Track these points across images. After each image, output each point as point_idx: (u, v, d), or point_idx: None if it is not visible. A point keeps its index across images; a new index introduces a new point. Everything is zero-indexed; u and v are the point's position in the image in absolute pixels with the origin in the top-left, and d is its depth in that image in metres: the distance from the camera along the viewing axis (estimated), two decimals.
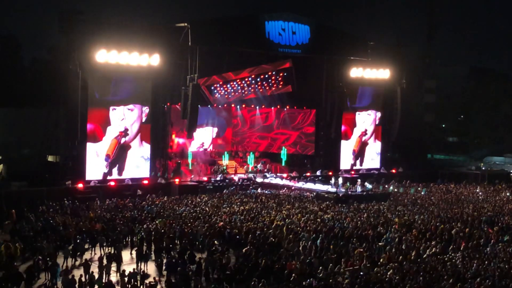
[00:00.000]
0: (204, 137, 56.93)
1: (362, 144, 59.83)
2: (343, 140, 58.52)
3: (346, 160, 58.68)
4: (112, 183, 44.51)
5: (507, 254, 26.10)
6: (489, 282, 21.74)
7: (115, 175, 45.60)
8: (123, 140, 45.99)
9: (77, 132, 43.78)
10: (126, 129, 46.01)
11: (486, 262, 24.91)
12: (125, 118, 45.96)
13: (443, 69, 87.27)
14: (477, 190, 49.42)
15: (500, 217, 35.92)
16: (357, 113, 59.47)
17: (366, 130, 60.08)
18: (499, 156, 74.83)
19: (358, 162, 59.63)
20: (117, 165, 45.86)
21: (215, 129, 58.07)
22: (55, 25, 44.69)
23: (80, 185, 42.76)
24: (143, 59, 45.22)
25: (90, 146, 44.45)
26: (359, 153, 59.65)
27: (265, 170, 54.17)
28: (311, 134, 58.69)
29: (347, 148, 58.81)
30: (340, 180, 46.91)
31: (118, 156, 45.77)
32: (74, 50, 43.33)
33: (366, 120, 60.04)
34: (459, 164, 72.83)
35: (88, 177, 44.26)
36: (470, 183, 53.91)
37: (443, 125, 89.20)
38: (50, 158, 47.70)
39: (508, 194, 47.16)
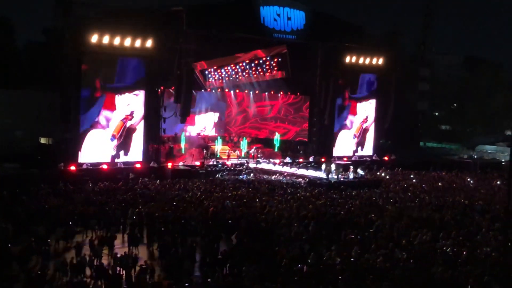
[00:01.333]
0: (206, 122, 57.19)
1: (363, 131, 60.00)
2: (344, 129, 58.73)
3: (344, 147, 58.81)
4: (105, 166, 44.48)
5: (498, 242, 26.23)
6: (480, 269, 21.87)
7: (122, 158, 46.07)
8: (129, 123, 46.20)
9: (70, 115, 43.72)
10: (132, 112, 46.26)
11: (477, 250, 25.04)
12: (131, 103, 46.15)
13: (438, 57, 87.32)
14: (469, 179, 49.57)
15: (491, 206, 36.09)
16: (358, 103, 59.64)
17: (367, 117, 60.21)
18: (492, 145, 75.17)
19: (359, 148, 59.96)
20: (123, 148, 46.29)
21: (217, 114, 58.16)
22: (50, 8, 44.51)
23: (73, 168, 42.71)
24: (137, 43, 45.06)
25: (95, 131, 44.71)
26: (361, 140, 59.85)
27: (258, 155, 54.20)
28: (305, 120, 58.74)
29: (345, 136, 58.92)
30: (333, 167, 46.99)
31: (124, 139, 46.15)
32: (69, 33, 43.14)
33: (367, 108, 60.16)
34: (452, 152, 73.07)
35: (94, 160, 44.46)
36: (462, 172, 54.06)
37: (436, 113, 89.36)
38: (43, 141, 47.63)
39: (499, 182, 47.35)
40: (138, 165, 45.97)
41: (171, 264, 22.86)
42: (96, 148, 44.90)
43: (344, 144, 58.85)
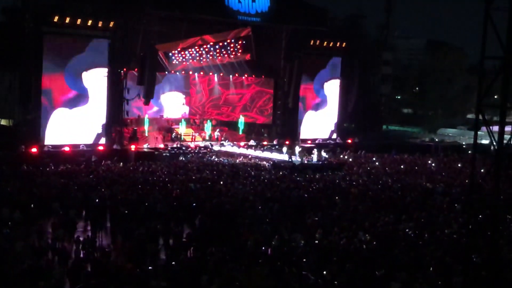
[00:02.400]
0: (169, 104, 56.96)
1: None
2: (312, 110, 58.91)
3: (308, 130, 59.20)
4: (67, 149, 43.98)
5: (459, 224, 26.63)
6: (441, 251, 22.19)
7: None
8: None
9: (31, 96, 43.09)
10: None
11: (438, 232, 25.39)
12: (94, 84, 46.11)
13: (401, 41, 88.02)
14: (430, 162, 50.19)
15: (452, 188, 36.60)
16: (325, 83, 59.82)
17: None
18: (453, 128, 76.23)
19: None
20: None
21: (181, 96, 57.91)
22: None
23: (34, 150, 42.11)
24: (100, 24, 44.48)
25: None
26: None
27: (222, 138, 54.12)
28: (269, 102, 58.79)
29: (310, 118, 59.20)
30: (297, 149, 47.15)
31: None
32: (30, 13, 42.40)
33: (331, 90, 60.55)
34: (414, 135, 73.91)
35: (60, 141, 44.14)
36: (423, 155, 54.69)
37: (399, 97, 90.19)
38: (3, 122, 46.85)
39: (460, 165, 48.04)
40: (101, 148, 45.55)
41: (135, 247, 22.71)
42: (62, 129, 44.42)
43: (312, 126, 59.17)
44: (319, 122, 59.90)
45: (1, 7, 47.74)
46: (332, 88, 60.54)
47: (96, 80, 45.87)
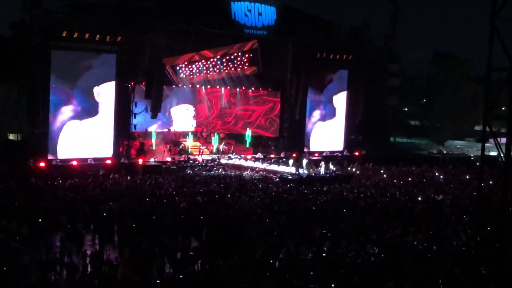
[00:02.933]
0: (177, 117, 57.23)
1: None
2: (320, 121, 59.19)
3: (317, 142, 59.31)
4: (75, 163, 44.08)
5: (467, 236, 26.52)
6: (450, 263, 22.10)
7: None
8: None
9: (39, 111, 43.30)
10: None
11: (447, 243, 25.28)
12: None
13: (407, 53, 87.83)
14: (438, 173, 50.04)
15: (460, 200, 36.47)
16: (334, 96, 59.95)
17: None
18: (461, 140, 75.97)
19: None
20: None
21: (188, 110, 58.13)
22: (18, 1, 43.93)
23: (42, 164, 42.25)
24: (107, 38, 44.69)
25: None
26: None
27: (229, 151, 54.15)
28: (276, 115, 58.85)
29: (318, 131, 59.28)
30: (304, 162, 47.11)
31: None
32: (38, 28, 42.69)
33: (338, 102, 60.74)
34: (421, 147, 73.71)
35: (81, 155, 44.68)
36: (431, 166, 54.54)
37: (406, 109, 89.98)
38: (11, 137, 47.02)
39: (468, 177, 47.86)
40: (108, 161, 45.63)
41: (142, 260, 22.70)
42: (71, 143, 44.75)
43: (320, 139, 59.22)
44: (327, 135, 59.81)
45: (10, 22, 48.06)
46: (340, 100, 60.55)
47: (106, 94, 46.07)
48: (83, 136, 45.29)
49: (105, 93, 46.13)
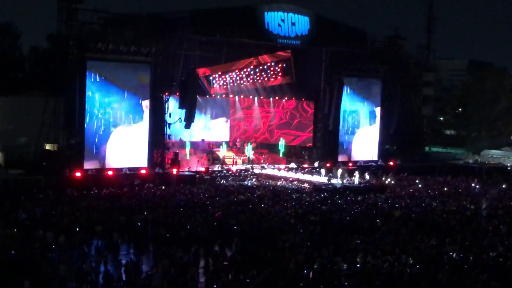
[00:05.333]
0: (211, 127, 57.62)
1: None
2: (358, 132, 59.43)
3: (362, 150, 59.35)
4: (110, 173, 44.49)
5: (504, 247, 26.13)
6: (487, 274, 21.77)
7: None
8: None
9: (75, 121, 43.90)
10: None
11: (484, 255, 24.94)
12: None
13: (442, 62, 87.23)
14: (474, 184, 49.41)
15: (497, 211, 35.96)
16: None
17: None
18: (497, 149, 74.91)
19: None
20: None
21: (222, 119, 58.68)
22: (54, 14, 44.60)
23: (78, 174, 42.73)
24: (142, 49, 45.16)
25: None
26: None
27: (262, 161, 54.17)
28: (310, 125, 58.75)
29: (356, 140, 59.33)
30: (339, 172, 46.90)
31: None
32: (74, 40, 43.32)
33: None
34: (457, 157, 72.86)
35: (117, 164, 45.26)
36: (467, 176, 53.87)
37: (441, 118, 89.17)
38: (48, 147, 47.68)
39: (504, 187, 47.19)
40: (143, 171, 45.96)
41: (176, 270, 22.79)
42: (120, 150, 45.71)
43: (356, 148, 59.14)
44: (362, 144, 59.57)
45: (47, 34, 48.99)
46: (375, 110, 60.31)
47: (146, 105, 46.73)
48: (121, 146, 45.87)
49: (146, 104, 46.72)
